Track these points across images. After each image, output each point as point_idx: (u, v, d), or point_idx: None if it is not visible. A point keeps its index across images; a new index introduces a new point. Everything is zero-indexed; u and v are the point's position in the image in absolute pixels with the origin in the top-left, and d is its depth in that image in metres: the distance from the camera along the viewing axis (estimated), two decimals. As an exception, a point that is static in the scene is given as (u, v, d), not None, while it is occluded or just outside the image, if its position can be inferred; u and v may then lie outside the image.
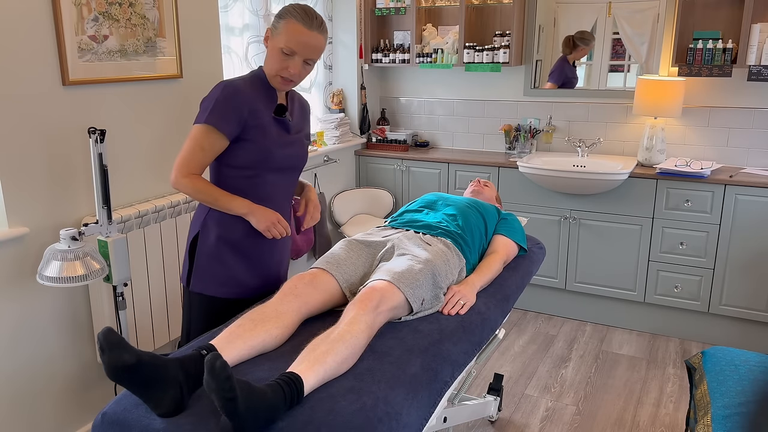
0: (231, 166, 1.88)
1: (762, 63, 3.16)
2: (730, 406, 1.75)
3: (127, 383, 1.34)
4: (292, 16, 1.78)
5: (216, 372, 1.22)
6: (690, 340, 3.47)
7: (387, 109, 4.37)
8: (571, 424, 2.68)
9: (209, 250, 1.93)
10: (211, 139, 1.80)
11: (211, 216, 1.93)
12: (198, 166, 1.82)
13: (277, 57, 1.82)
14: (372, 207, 4.03)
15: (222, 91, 1.80)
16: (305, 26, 1.78)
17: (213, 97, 1.80)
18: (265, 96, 1.88)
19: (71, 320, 2.34)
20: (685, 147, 3.58)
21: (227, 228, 1.92)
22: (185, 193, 1.84)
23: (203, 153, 1.81)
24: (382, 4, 3.99)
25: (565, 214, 3.56)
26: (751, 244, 3.16)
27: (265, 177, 1.91)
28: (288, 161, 1.94)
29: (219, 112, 1.78)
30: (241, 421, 1.24)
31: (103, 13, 2.27)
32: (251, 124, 1.83)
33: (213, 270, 1.94)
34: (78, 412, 2.43)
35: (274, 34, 1.83)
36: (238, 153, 1.86)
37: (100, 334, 1.35)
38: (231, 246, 1.93)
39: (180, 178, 1.82)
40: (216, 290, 1.96)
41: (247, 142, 1.84)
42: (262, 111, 1.86)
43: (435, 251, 1.96)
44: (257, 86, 1.88)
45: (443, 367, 1.62)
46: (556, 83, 3.83)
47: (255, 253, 1.97)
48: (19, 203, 2.11)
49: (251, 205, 1.86)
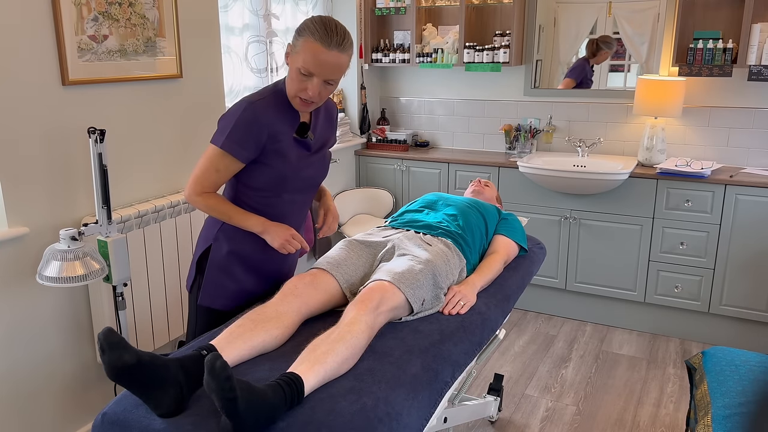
0: (247, 186, 1.84)
1: (762, 63, 3.16)
2: (730, 406, 1.75)
3: (127, 383, 1.34)
4: (311, 33, 1.65)
5: (216, 372, 1.22)
6: (690, 340, 3.46)
7: (387, 109, 4.36)
8: (571, 424, 2.68)
9: (220, 264, 1.90)
10: (226, 162, 1.75)
11: (223, 230, 1.89)
12: (212, 185, 1.79)
13: (296, 77, 1.70)
14: (372, 207, 4.03)
15: (243, 113, 1.71)
16: (323, 45, 1.64)
17: (232, 118, 1.72)
18: (287, 115, 1.79)
19: (71, 320, 2.34)
20: (686, 147, 3.58)
21: (239, 243, 1.89)
22: (199, 208, 1.82)
23: (217, 174, 1.77)
24: (382, 4, 3.99)
25: (565, 214, 3.56)
26: (751, 244, 3.16)
27: (282, 197, 1.87)
28: (305, 182, 1.89)
29: (237, 138, 1.71)
30: (241, 422, 1.24)
31: (103, 12, 2.27)
32: (270, 149, 1.77)
33: (222, 284, 1.91)
34: (78, 412, 2.42)
35: (293, 52, 1.70)
36: (255, 175, 1.81)
37: (101, 335, 1.34)
38: (242, 261, 1.90)
39: (193, 196, 1.79)
40: (224, 304, 1.93)
41: (265, 165, 1.79)
42: (284, 133, 1.78)
43: (435, 251, 1.96)
44: (279, 104, 1.78)
45: (444, 367, 1.62)
46: (576, 80, 3.80)
47: (265, 268, 1.95)
48: (19, 203, 2.11)
49: (265, 222, 1.81)
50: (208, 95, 2.80)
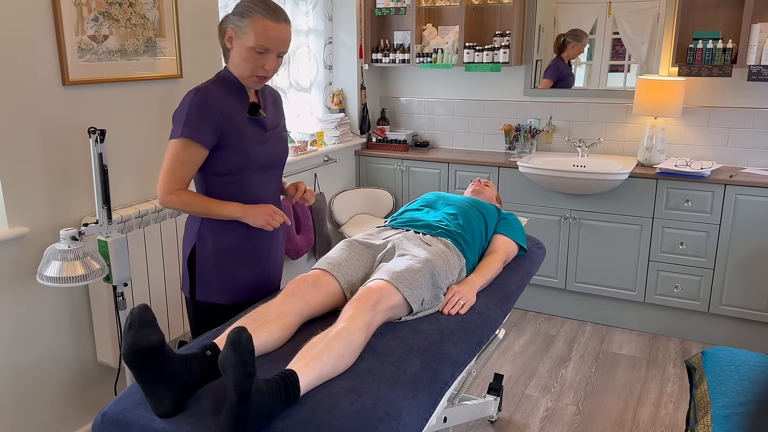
0: (214, 174, 1.86)
1: (762, 63, 3.16)
2: (730, 406, 1.75)
3: (140, 367, 1.32)
4: (257, 12, 1.73)
5: (241, 344, 1.21)
6: (690, 340, 3.47)
7: (387, 109, 4.37)
8: (571, 424, 2.68)
9: (209, 261, 1.93)
10: (189, 151, 1.77)
11: (204, 226, 1.91)
12: (181, 181, 1.79)
13: (248, 56, 1.77)
14: (372, 207, 4.03)
15: (193, 99, 1.77)
16: (273, 21, 1.74)
17: (184, 108, 1.77)
18: (236, 97, 1.85)
19: (71, 320, 2.34)
20: (685, 147, 3.58)
21: (222, 236, 1.91)
22: (175, 209, 1.81)
23: (184, 167, 1.78)
24: (382, 4, 3.99)
25: (565, 214, 3.56)
26: (751, 244, 3.16)
27: (249, 179, 1.89)
28: (268, 159, 1.92)
29: (193, 123, 1.75)
30: (246, 409, 1.23)
31: (103, 13, 2.27)
32: (227, 128, 1.80)
33: (215, 278, 1.94)
34: (78, 412, 2.42)
35: (239, 35, 1.76)
36: (219, 160, 1.83)
37: (135, 309, 1.33)
38: (228, 253, 1.93)
39: (165, 196, 1.79)
40: (220, 297, 1.96)
41: (226, 148, 1.82)
42: (236, 113, 1.83)
43: (435, 251, 1.96)
44: (227, 88, 1.84)
45: (443, 367, 1.62)
46: (552, 79, 3.83)
47: (252, 257, 1.97)
48: (19, 203, 2.11)
49: (243, 207, 1.85)
50: (208, 95, 2.80)
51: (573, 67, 3.81)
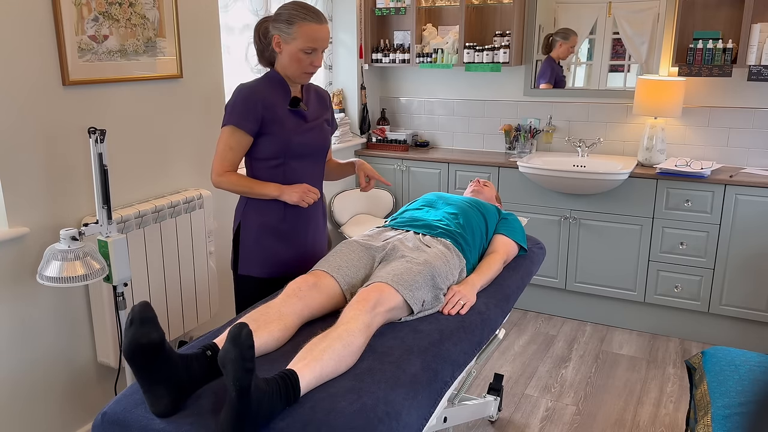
0: (258, 158, 2.08)
1: (762, 63, 3.16)
2: (730, 406, 1.75)
3: (140, 364, 1.33)
4: (302, 19, 1.94)
5: (241, 340, 1.23)
6: (690, 340, 3.47)
7: (387, 109, 4.37)
8: (571, 424, 2.68)
9: (252, 236, 2.14)
10: (236, 137, 2.02)
11: (249, 206, 2.14)
12: (230, 164, 2.04)
13: (299, 58, 1.99)
14: (372, 207, 4.03)
15: (239, 93, 2.01)
16: (317, 23, 1.96)
17: (232, 101, 2.01)
18: (279, 92, 2.07)
19: (71, 320, 2.34)
20: (685, 147, 3.58)
21: (265, 215, 2.12)
22: (225, 189, 2.05)
23: (232, 152, 2.03)
24: (382, 4, 3.99)
25: (565, 214, 3.56)
26: (751, 244, 3.16)
27: (290, 164, 2.10)
28: (308, 148, 2.12)
29: (238, 113, 2.00)
30: (245, 406, 1.23)
31: (103, 13, 2.27)
32: (268, 118, 2.02)
33: (257, 253, 2.15)
34: (78, 412, 2.43)
35: (287, 41, 1.98)
36: (262, 146, 2.06)
37: (136, 306, 1.35)
38: (270, 230, 2.13)
39: (216, 177, 2.04)
40: (260, 271, 2.16)
41: (268, 135, 2.04)
42: (278, 105, 2.05)
43: (434, 253, 1.96)
44: (270, 84, 2.06)
45: (443, 367, 1.62)
46: (550, 81, 3.83)
47: (292, 234, 2.16)
48: (19, 203, 2.11)
49: (280, 186, 2.05)
50: (208, 95, 2.80)
51: (563, 68, 3.80)
